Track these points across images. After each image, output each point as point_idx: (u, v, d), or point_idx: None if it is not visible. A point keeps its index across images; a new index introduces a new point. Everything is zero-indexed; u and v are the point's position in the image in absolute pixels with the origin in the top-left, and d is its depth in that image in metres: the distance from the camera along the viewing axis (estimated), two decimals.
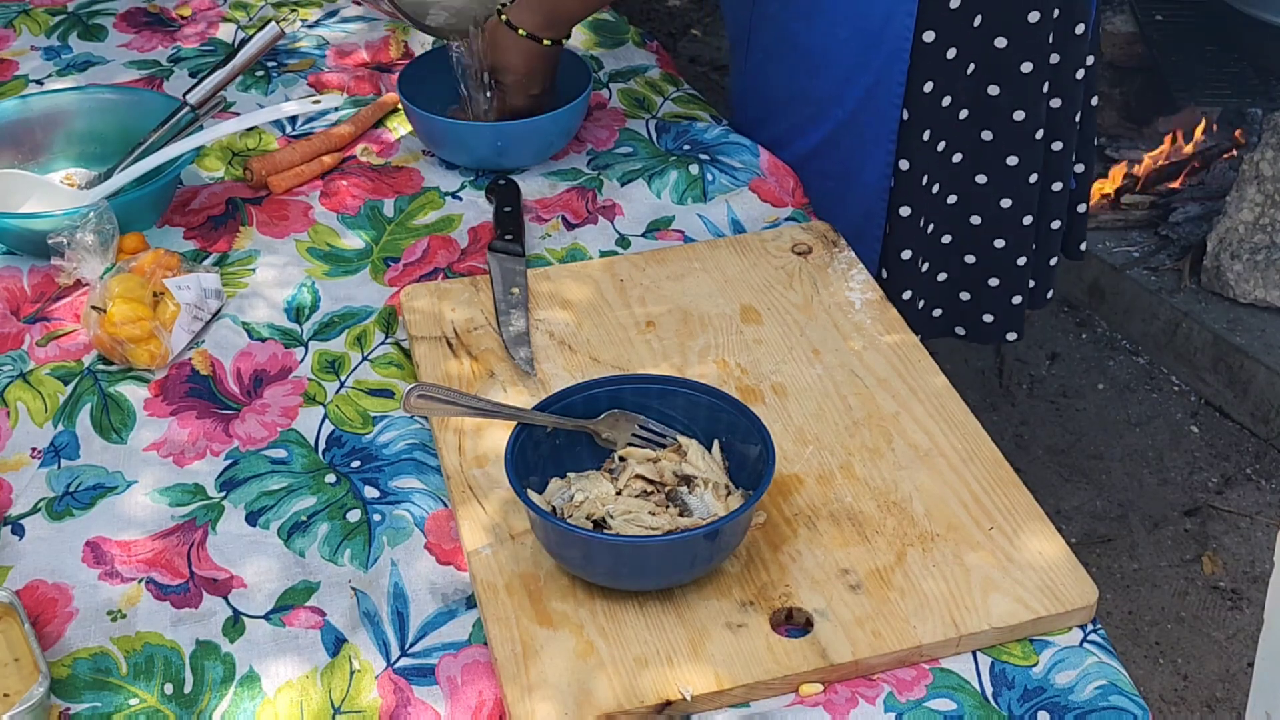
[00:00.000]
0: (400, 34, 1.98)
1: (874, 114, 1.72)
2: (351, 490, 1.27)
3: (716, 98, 3.75)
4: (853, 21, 1.68)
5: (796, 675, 1.09)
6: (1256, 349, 2.80)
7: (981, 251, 1.88)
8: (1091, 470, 2.77)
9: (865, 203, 1.78)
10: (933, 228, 1.84)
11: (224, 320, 1.47)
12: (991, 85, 1.74)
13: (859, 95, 1.72)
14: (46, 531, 1.24)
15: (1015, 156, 1.79)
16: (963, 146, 1.79)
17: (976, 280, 1.91)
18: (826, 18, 1.69)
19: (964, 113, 1.76)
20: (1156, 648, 2.42)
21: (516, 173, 1.69)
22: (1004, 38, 1.71)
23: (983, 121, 1.77)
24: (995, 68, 1.73)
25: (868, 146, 1.75)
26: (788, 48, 1.75)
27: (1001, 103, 1.76)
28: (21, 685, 1.08)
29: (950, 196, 1.82)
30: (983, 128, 1.78)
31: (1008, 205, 1.83)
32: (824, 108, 1.75)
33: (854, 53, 1.70)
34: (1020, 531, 1.20)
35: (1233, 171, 3.07)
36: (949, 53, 1.70)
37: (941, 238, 1.86)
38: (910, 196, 1.78)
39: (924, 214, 1.81)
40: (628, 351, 1.40)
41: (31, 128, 1.69)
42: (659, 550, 1.11)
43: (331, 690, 1.10)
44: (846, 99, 1.73)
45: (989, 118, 1.77)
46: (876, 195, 1.77)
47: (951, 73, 1.72)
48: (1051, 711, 1.08)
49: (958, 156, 1.79)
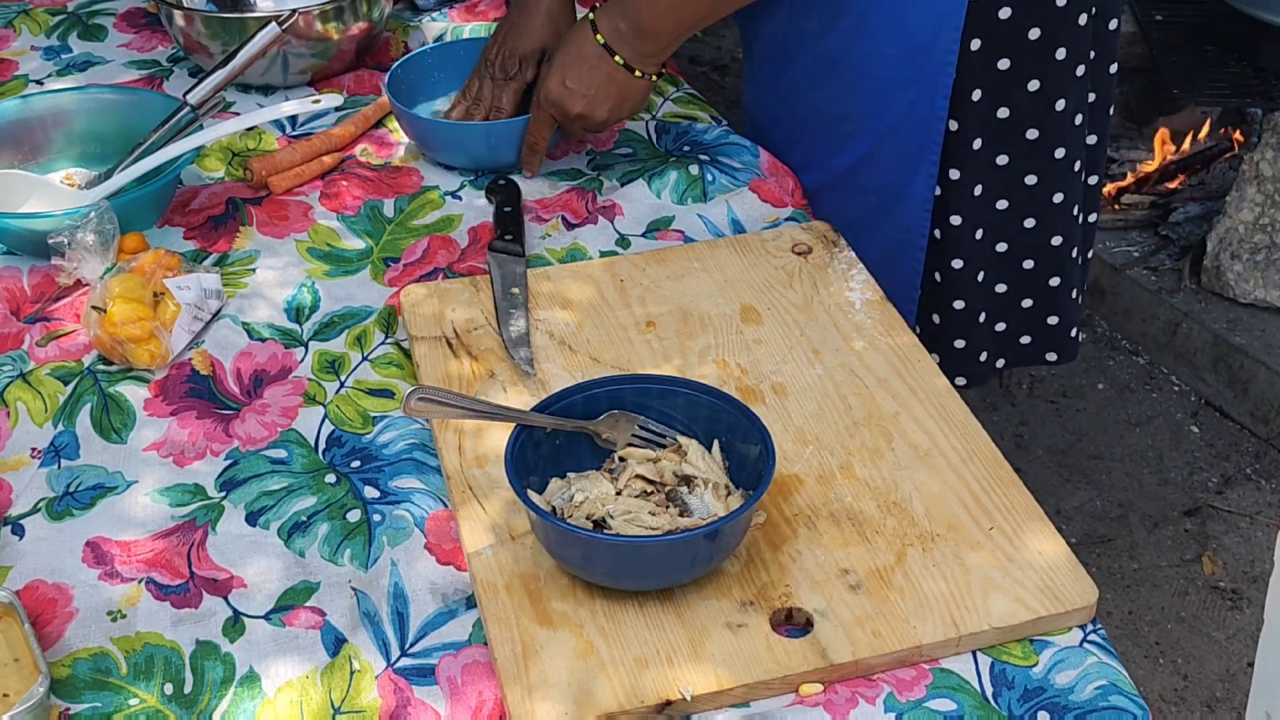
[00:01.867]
0: (400, 34, 1.98)
1: (918, 127, 1.68)
2: (351, 490, 1.28)
3: (716, 98, 3.75)
4: (900, 37, 1.64)
5: (796, 675, 1.09)
6: (1256, 349, 2.80)
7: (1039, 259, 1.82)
8: (1091, 470, 2.77)
9: (907, 216, 1.73)
10: (983, 235, 1.78)
11: (224, 320, 1.47)
12: (1058, 100, 1.70)
13: (902, 110, 1.68)
14: (46, 531, 1.24)
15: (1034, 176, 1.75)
16: (1012, 152, 1.73)
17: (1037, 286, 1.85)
18: (872, 34, 1.65)
19: (1032, 131, 1.71)
20: (1156, 648, 2.42)
21: (516, 173, 1.70)
22: (1064, 48, 1.66)
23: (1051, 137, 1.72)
24: (1054, 77, 1.68)
25: (912, 160, 1.70)
26: (828, 67, 1.70)
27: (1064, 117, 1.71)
28: (21, 685, 1.08)
29: (1000, 202, 1.76)
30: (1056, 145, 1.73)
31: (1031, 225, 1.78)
32: (864, 124, 1.71)
33: (900, 67, 1.66)
34: (1020, 531, 1.20)
35: (1233, 171, 3.07)
36: (1001, 63, 1.66)
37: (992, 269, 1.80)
38: (961, 207, 1.73)
39: (976, 223, 1.76)
40: (628, 351, 1.40)
41: (31, 128, 1.69)
42: (659, 550, 1.11)
43: (331, 690, 1.10)
44: (890, 114, 1.69)
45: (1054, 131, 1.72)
46: (920, 208, 1.73)
47: (1005, 83, 1.67)
48: (1051, 711, 1.08)
49: (1003, 159, 1.73)
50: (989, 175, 1.73)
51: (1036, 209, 1.77)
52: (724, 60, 4.07)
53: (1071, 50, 1.68)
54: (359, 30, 1.85)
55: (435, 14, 2.03)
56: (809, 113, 1.75)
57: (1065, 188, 1.76)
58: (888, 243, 1.73)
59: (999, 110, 1.69)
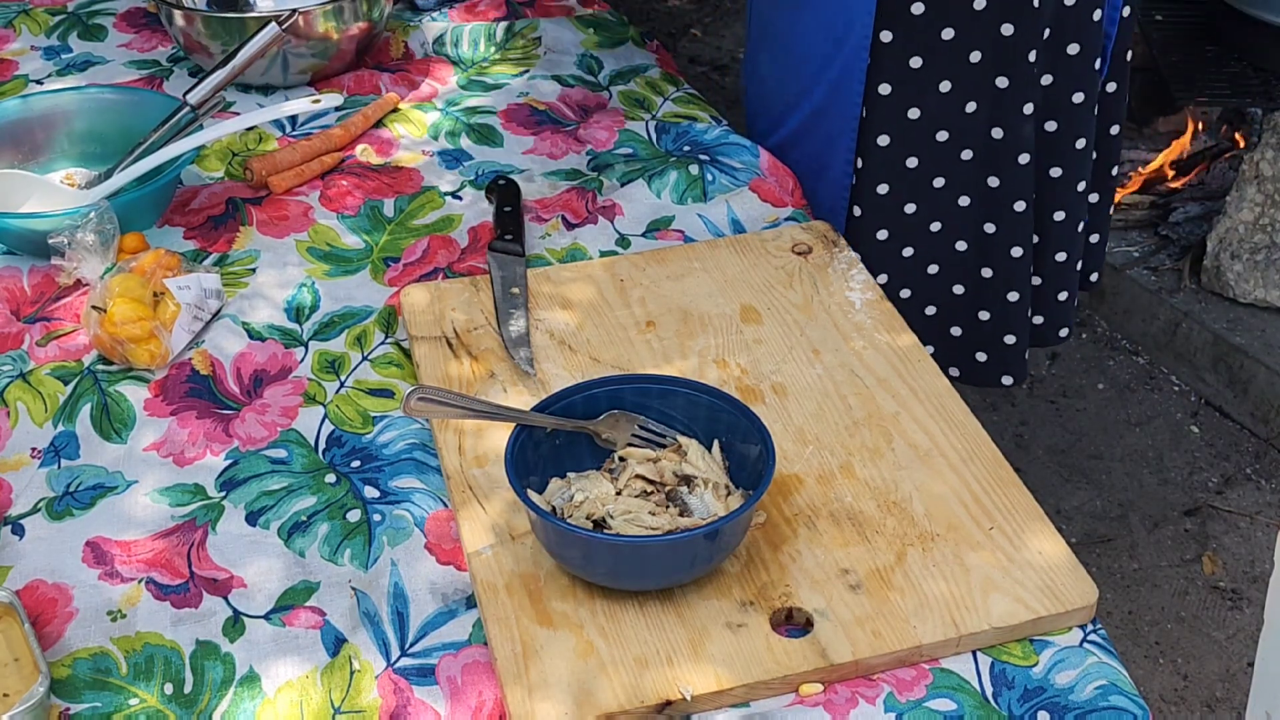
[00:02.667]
0: (400, 34, 1.98)
1: (837, 110, 1.74)
2: (351, 490, 1.27)
3: (716, 98, 3.75)
4: (823, 15, 1.70)
5: (796, 675, 1.09)
6: (1256, 349, 2.80)
7: (970, 281, 1.84)
8: (1091, 470, 2.77)
9: (830, 199, 1.79)
10: (904, 246, 1.81)
11: (224, 320, 1.47)
12: (969, 101, 1.72)
13: (825, 91, 1.74)
14: (46, 531, 1.24)
15: (996, 178, 1.77)
16: (923, 154, 1.76)
17: (968, 313, 1.86)
18: (806, 10, 1.71)
19: (942, 133, 1.74)
20: (1156, 648, 2.42)
21: (516, 173, 1.70)
22: (978, 51, 1.69)
23: (960, 139, 1.75)
24: (968, 82, 1.71)
25: (832, 142, 1.76)
26: (770, 38, 1.78)
27: (979, 119, 1.73)
28: (21, 685, 1.08)
29: (909, 205, 1.79)
30: (962, 146, 1.76)
31: (992, 231, 1.80)
32: (797, 99, 1.77)
33: (823, 46, 1.71)
34: (1020, 531, 1.20)
35: (1233, 171, 3.07)
36: (913, 61, 1.69)
37: (928, 267, 1.83)
38: (863, 199, 1.78)
39: (881, 222, 1.79)
40: (628, 351, 1.40)
41: (31, 128, 1.69)
42: (659, 550, 1.11)
43: (331, 690, 1.10)
44: (815, 92, 1.75)
45: (965, 135, 1.75)
46: (839, 192, 1.78)
47: (914, 80, 1.70)
48: (1051, 711, 1.08)
49: (912, 161, 1.76)
50: (894, 174, 1.77)
51: (967, 185, 1.79)
52: (724, 60, 4.07)
53: (987, 55, 1.70)
54: (359, 30, 1.85)
55: (435, 14, 2.03)
56: (761, 82, 1.83)
57: (1002, 173, 1.77)
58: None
59: (909, 111, 1.73)
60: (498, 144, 1.77)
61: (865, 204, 1.78)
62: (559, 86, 1.88)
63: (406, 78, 1.89)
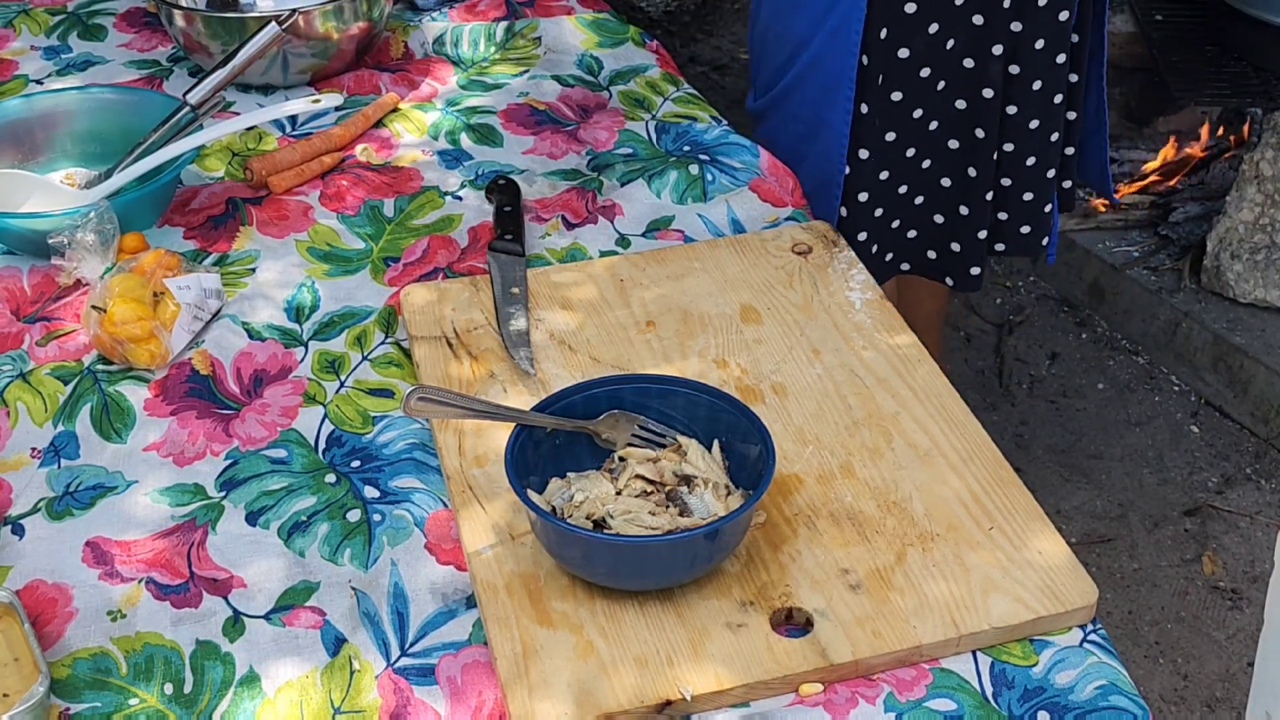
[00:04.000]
0: (400, 34, 1.98)
1: (837, 57, 1.80)
2: (351, 490, 1.27)
3: (716, 98, 3.75)
4: None
5: (796, 675, 1.09)
6: (1256, 349, 2.80)
7: (930, 191, 1.96)
8: (1091, 470, 2.77)
9: (828, 147, 1.86)
10: (887, 175, 1.92)
11: (224, 320, 1.47)
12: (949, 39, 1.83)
13: (824, 38, 1.80)
14: (46, 531, 1.24)
15: (963, 101, 1.88)
16: (915, 95, 1.87)
17: (927, 220, 1.99)
18: None
19: (924, 69, 1.84)
20: (1156, 648, 2.42)
21: (516, 173, 1.70)
22: None
23: (937, 72, 1.86)
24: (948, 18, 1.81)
25: (831, 90, 1.82)
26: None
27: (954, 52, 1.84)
28: (21, 685, 1.08)
29: (909, 149, 1.90)
30: (938, 78, 1.86)
31: (955, 146, 1.91)
32: (797, 49, 1.83)
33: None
34: (1020, 531, 1.20)
35: (1233, 171, 3.07)
36: (908, 7, 1.79)
37: (898, 188, 1.94)
38: (868, 141, 1.86)
39: (883, 162, 1.89)
40: (628, 351, 1.40)
41: (31, 128, 1.69)
42: (659, 550, 1.11)
43: (331, 690, 1.10)
44: (814, 41, 1.81)
45: (942, 67, 1.85)
46: (838, 140, 1.85)
47: (909, 23, 1.80)
48: (1051, 711, 1.08)
49: (917, 112, 1.88)
50: (904, 80, 1.86)
51: (939, 112, 1.90)
52: (724, 60, 4.07)
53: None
54: (359, 30, 1.85)
55: (435, 14, 2.03)
56: (764, 34, 1.90)
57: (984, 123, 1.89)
58: (813, 172, 1.84)
59: (899, 50, 1.82)
60: (498, 144, 1.77)
61: (870, 146, 1.88)
62: (559, 86, 1.88)
63: (406, 78, 1.89)
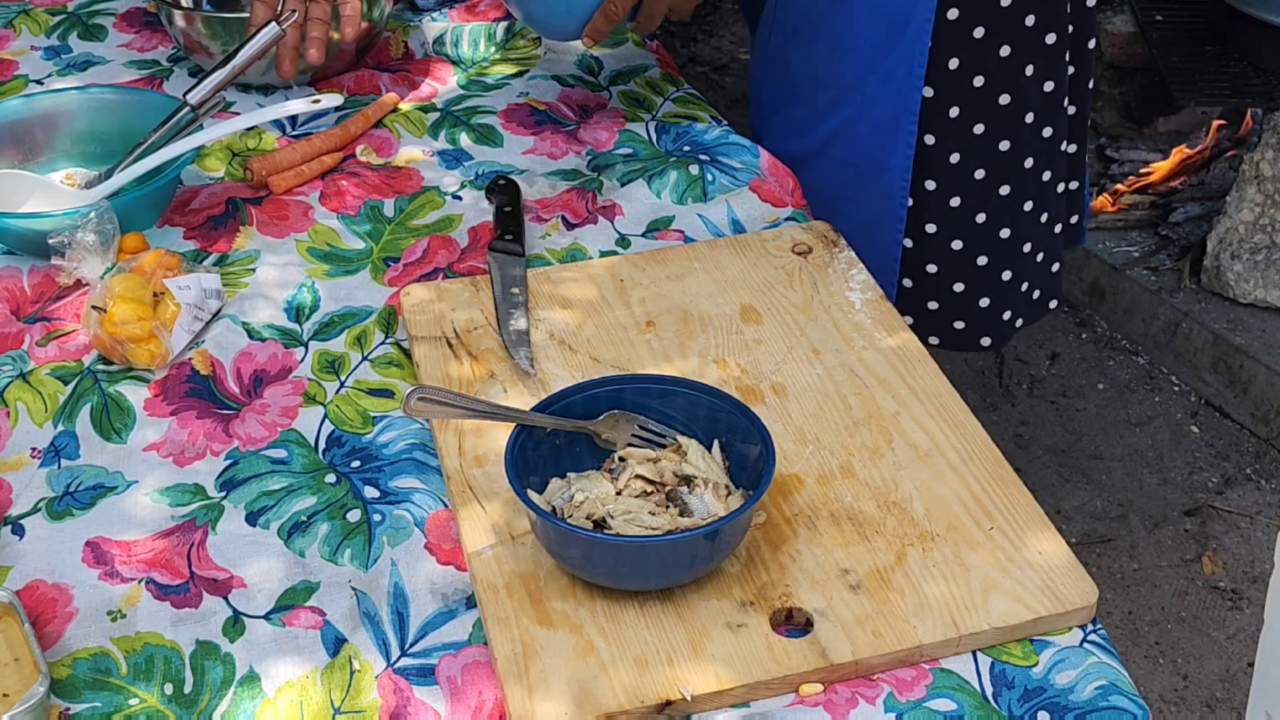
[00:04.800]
0: (400, 34, 1.98)
1: (895, 97, 1.71)
2: (351, 490, 1.28)
3: (716, 98, 3.75)
4: (877, 6, 1.68)
5: (796, 675, 1.09)
6: (1256, 349, 2.80)
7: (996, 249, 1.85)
8: (1091, 470, 2.77)
9: (886, 186, 1.77)
10: (961, 203, 1.81)
11: (224, 320, 1.47)
12: (1028, 65, 1.73)
13: (879, 79, 1.71)
14: (46, 531, 1.24)
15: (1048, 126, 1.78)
16: (988, 119, 1.76)
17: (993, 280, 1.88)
18: (851, 3, 1.69)
19: (1004, 97, 1.75)
20: (1156, 648, 2.42)
21: (516, 173, 1.70)
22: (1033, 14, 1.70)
23: (1022, 104, 1.76)
24: (1028, 46, 1.72)
25: (888, 130, 1.73)
26: (811, 31, 1.74)
27: (1034, 81, 1.75)
28: (21, 685, 1.08)
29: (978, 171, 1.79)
30: (1025, 110, 1.76)
31: (1030, 209, 1.82)
32: (844, 93, 1.74)
33: (878, 36, 1.69)
34: (1020, 531, 1.20)
35: (1233, 171, 3.07)
36: (976, 31, 1.69)
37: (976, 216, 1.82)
38: (938, 172, 1.76)
39: (954, 193, 1.79)
40: (628, 351, 1.40)
41: (31, 128, 1.69)
42: (659, 550, 1.11)
43: (331, 690, 1.10)
44: (867, 84, 1.72)
45: (1025, 97, 1.75)
46: (899, 176, 1.76)
47: (980, 51, 1.70)
48: (1051, 711, 1.08)
49: (979, 128, 1.76)
50: (964, 142, 1.76)
51: (1010, 176, 1.79)
52: (724, 60, 4.07)
53: (1040, 18, 1.71)
54: (359, 30, 1.85)
55: (435, 14, 2.03)
56: (795, 77, 1.79)
57: (1037, 155, 1.79)
58: (868, 214, 1.76)
59: (974, 79, 1.72)
60: (498, 144, 1.77)
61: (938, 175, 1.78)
62: (559, 86, 1.88)
63: (406, 78, 1.89)
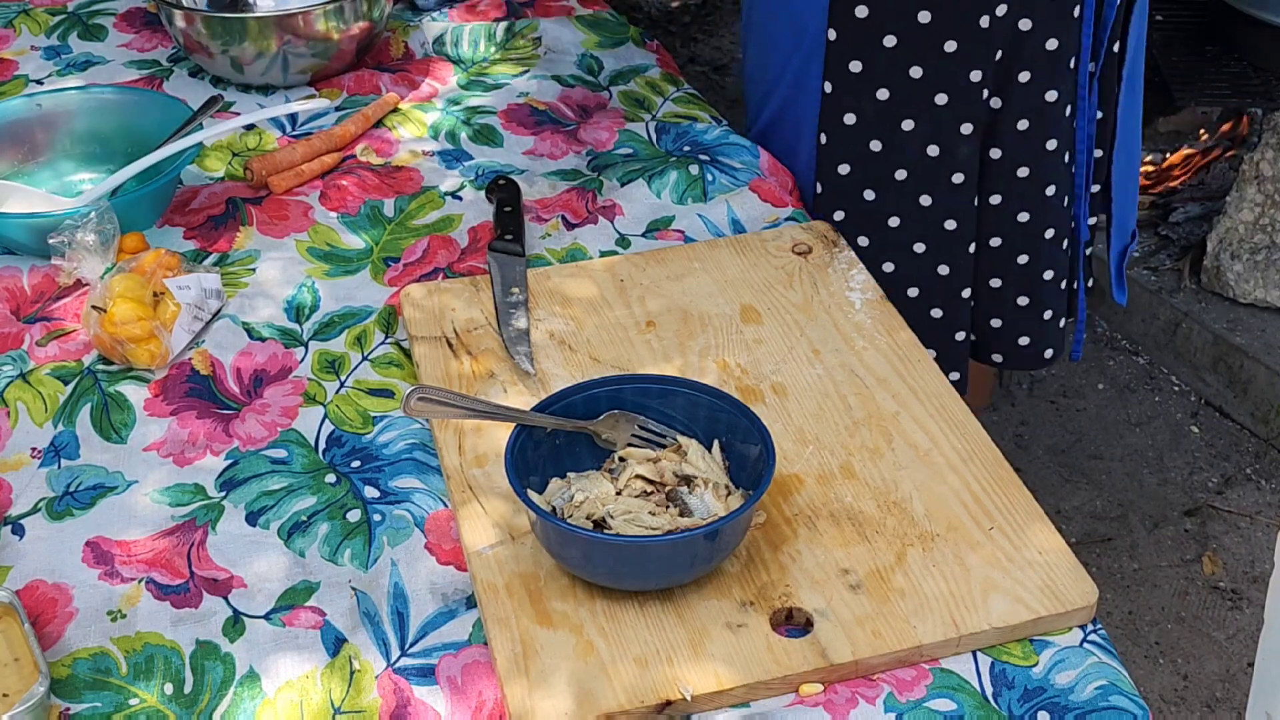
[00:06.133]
0: (400, 34, 1.98)
1: (804, 99, 1.78)
2: (351, 490, 1.28)
3: (716, 98, 3.75)
4: (790, 7, 1.75)
5: (796, 675, 1.09)
6: (1256, 349, 2.80)
7: (924, 277, 1.85)
8: (1091, 470, 2.77)
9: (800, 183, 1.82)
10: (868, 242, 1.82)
11: (224, 320, 1.47)
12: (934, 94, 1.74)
13: (790, 82, 1.79)
14: (46, 531, 1.24)
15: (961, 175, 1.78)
16: (884, 137, 1.77)
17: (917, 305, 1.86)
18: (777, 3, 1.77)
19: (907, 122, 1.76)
20: (1156, 648, 2.42)
21: (516, 173, 1.70)
22: (918, 67, 1.71)
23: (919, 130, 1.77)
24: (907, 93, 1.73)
25: (801, 128, 1.80)
26: (749, 29, 1.85)
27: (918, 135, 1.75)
28: (21, 685, 1.08)
29: (868, 193, 1.80)
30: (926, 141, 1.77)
31: (952, 227, 1.81)
32: (773, 86, 1.82)
33: (788, 36, 1.77)
34: (1020, 531, 1.20)
35: (1233, 171, 3.07)
36: (853, 65, 1.72)
37: (884, 265, 1.83)
38: (830, 180, 1.81)
39: (846, 211, 1.81)
40: (628, 351, 1.40)
41: (31, 128, 1.69)
42: (659, 550, 1.11)
43: (331, 690, 1.10)
44: (783, 82, 1.80)
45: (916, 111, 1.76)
46: (807, 176, 1.82)
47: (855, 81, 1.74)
48: (1051, 711, 1.08)
49: (876, 145, 1.78)
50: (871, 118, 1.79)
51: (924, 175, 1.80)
52: (724, 60, 4.07)
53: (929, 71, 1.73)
54: (359, 30, 1.85)
55: (435, 14, 2.03)
56: (750, 71, 1.89)
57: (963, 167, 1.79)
58: None
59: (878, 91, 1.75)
60: (498, 144, 1.77)
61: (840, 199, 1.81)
62: (559, 86, 1.88)
63: (406, 78, 1.89)
